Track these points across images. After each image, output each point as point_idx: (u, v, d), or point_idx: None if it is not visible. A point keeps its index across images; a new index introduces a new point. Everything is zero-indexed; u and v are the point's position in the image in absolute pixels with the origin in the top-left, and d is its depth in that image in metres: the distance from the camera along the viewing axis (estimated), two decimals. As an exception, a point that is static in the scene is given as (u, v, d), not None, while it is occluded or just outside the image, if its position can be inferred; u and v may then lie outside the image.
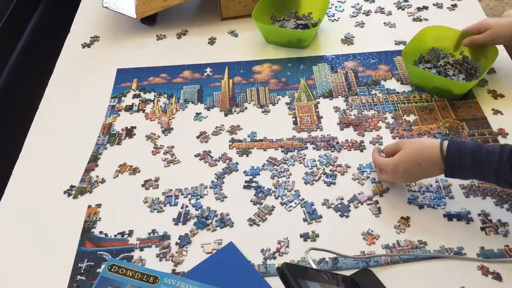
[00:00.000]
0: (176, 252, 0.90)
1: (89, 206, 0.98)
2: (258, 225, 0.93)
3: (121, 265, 0.82)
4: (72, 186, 1.01)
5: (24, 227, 0.96)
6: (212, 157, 1.05)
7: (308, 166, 1.02)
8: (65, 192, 1.00)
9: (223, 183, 1.00)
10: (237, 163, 1.03)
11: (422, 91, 1.15)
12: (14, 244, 0.94)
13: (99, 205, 0.98)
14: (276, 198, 0.97)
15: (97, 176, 1.04)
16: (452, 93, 1.12)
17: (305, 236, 0.91)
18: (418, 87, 1.16)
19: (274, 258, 0.88)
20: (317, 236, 0.91)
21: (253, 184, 0.99)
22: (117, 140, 1.10)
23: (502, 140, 1.05)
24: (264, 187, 0.99)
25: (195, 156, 1.06)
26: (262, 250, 0.89)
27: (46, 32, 1.55)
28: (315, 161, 1.03)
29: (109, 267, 0.82)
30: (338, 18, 1.39)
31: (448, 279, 0.84)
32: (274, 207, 0.96)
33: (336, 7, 1.42)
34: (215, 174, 1.02)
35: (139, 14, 1.36)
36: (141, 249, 0.91)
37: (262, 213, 0.95)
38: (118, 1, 1.38)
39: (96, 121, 1.15)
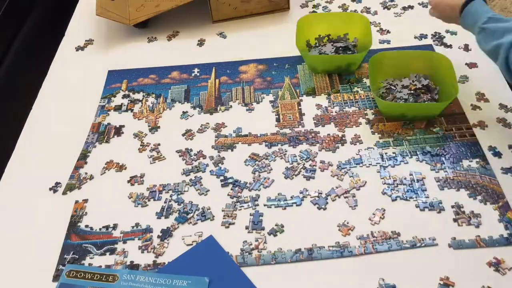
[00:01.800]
0: (158, 244, 0.94)
1: (76, 202, 1.02)
2: (233, 223, 0.96)
3: (79, 270, 0.86)
4: (57, 183, 1.05)
5: (14, 221, 1.00)
6: (191, 156, 1.08)
7: (289, 162, 1.05)
8: (50, 189, 1.04)
9: (192, 179, 1.04)
10: (207, 165, 1.06)
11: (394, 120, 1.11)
12: (6, 237, 0.98)
13: (85, 200, 1.02)
14: (250, 190, 1.00)
15: (86, 173, 1.07)
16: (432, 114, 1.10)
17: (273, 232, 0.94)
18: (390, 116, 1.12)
19: (251, 253, 0.91)
20: (282, 226, 0.95)
21: (230, 181, 1.03)
22: (105, 138, 1.14)
23: (479, 132, 1.07)
24: (241, 181, 1.02)
25: (176, 152, 1.09)
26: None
27: (42, 35, 1.60)
28: (295, 156, 1.06)
29: (67, 273, 0.86)
30: (325, 18, 1.42)
31: (420, 267, 0.87)
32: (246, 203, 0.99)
33: (323, 7, 1.45)
34: (183, 169, 1.06)
35: (132, 20, 1.39)
36: (124, 242, 0.95)
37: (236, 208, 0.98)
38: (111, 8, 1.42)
39: (87, 121, 1.19)
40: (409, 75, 1.16)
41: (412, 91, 1.11)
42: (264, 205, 0.98)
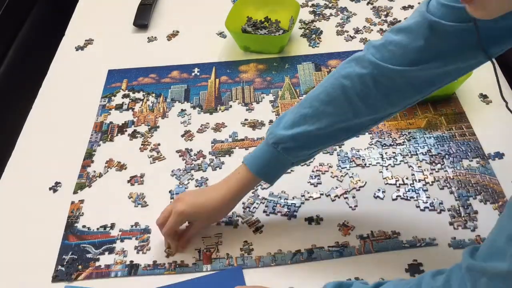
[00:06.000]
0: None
1: (72, 202, 1.01)
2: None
3: None
4: (57, 183, 1.05)
5: (14, 221, 1.00)
6: (191, 156, 1.08)
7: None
8: (50, 189, 1.04)
9: (192, 179, 1.04)
10: (207, 164, 1.06)
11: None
12: (5, 237, 0.98)
13: (81, 201, 1.01)
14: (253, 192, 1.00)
15: (94, 171, 1.07)
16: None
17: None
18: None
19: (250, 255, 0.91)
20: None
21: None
22: (109, 137, 1.14)
23: (480, 132, 1.07)
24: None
25: (176, 152, 1.09)
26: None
27: (42, 35, 1.60)
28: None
29: None
30: (327, 17, 1.41)
31: (420, 267, 0.87)
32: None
33: (323, 8, 1.45)
34: (179, 169, 1.05)
35: None
36: (122, 240, 0.94)
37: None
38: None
39: (87, 120, 1.19)
40: None
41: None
42: (265, 206, 0.98)
